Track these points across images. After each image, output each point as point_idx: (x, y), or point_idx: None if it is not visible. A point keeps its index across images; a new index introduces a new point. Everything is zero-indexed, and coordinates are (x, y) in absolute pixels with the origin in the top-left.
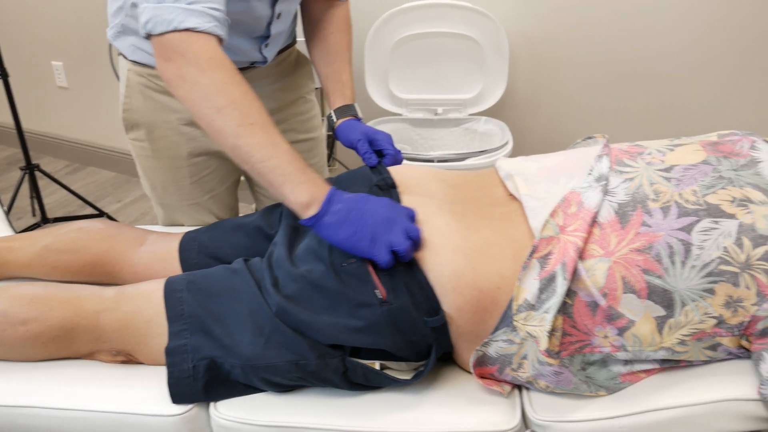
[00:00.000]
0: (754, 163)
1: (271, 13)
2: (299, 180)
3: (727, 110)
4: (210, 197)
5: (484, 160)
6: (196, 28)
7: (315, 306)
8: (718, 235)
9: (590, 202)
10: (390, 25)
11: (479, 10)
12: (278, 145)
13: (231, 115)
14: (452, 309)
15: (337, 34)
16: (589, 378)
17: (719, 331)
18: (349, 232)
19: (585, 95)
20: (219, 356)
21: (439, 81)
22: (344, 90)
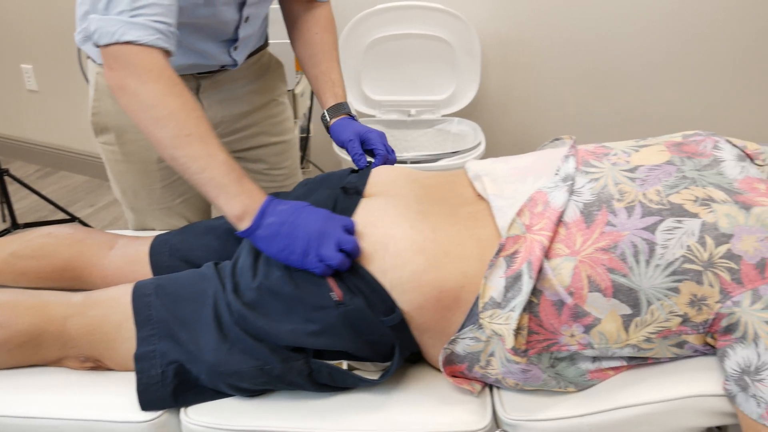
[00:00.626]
0: (716, 162)
1: (239, 17)
2: (233, 192)
3: (693, 111)
4: (182, 201)
5: (457, 161)
6: (137, 41)
7: (273, 312)
8: (682, 234)
9: (556, 202)
10: (362, 27)
11: (451, 11)
12: (214, 157)
13: (168, 126)
14: (412, 307)
15: (322, 34)
16: (558, 374)
17: (685, 329)
18: (281, 246)
19: (556, 96)
20: (186, 362)
21: (412, 82)
22: (335, 89)
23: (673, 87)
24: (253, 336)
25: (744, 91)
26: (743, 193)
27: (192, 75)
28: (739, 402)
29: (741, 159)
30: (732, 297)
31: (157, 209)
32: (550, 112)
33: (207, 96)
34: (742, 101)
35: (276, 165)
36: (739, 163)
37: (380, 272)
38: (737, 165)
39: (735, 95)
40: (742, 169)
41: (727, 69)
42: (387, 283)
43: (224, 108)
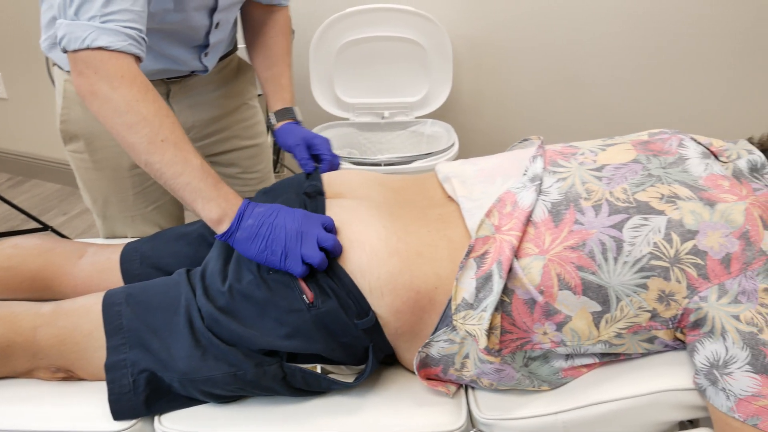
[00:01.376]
0: (682, 160)
1: (209, 22)
2: (210, 196)
3: (663, 110)
4: (154, 208)
5: (430, 163)
6: (108, 47)
7: (245, 316)
8: (648, 231)
9: (524, 202)
10: (334, 30)
11: (422, 14)
12: (189, 162)
13: (141, 132)
14: (389, 311)
15: (277, 38)
16: (531, 373)
17: (654, 324)
18: (261, 247)
19: (527, 96)
20: (158, 370)
21: (384, 85)
22: (283, 93)
23: (643, 87)
24: (225, 341)
25: (713, 90)
26: (708, 190)
27: (162, 80)
28: (709, 395)
29: (705, 156)
30: (699, 292)
31: (129, 217)
32: (522, 112)
33: (177, 101)
34: (712, 100)
35: (249, 169)
36: (703, 161)
37: (358, 273)
38: (702, 162)
39: (705, 94)
40: (707, 167)
41: (697, 68)
42: (365, 286)
43: (195, 113)
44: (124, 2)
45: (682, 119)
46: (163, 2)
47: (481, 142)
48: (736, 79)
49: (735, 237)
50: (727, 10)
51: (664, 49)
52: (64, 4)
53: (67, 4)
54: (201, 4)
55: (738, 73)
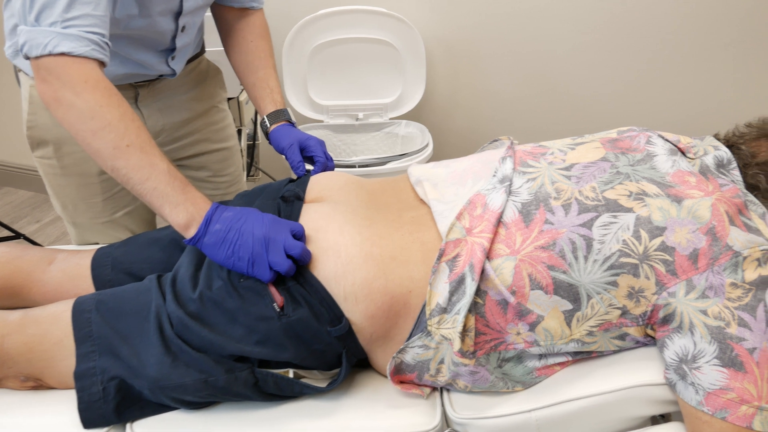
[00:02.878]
0: (650, 157)
1: (175, 26)
2: (177, 201)
3: (635, 109)
4: (125, 213)
5: (405, 164)
6: (71, 53)
7: (215, 322)
8: (617, 228)
9: (494, 204)
10: (306, 32)
11: (394, 15)
12: (155, 166)
13: (107, 138)
14: (364, 317)
15: (257, 41)
16: (505, 375)
17: (624, 321)
18: (228, 253)
19: (501, 96)
20: (127, 377)
21: (358, 86)
22: (274, 95)
23: (616, 86)
24: (195, 347)
25: (687, 88)
26: (675, 187)
27: (130, 84)
28: (679, 390)
29: (672, 153)
30: (667, 288)
31: (100, 223)
32: (496, 112)
33: (146, 105)
34: (686, 97)
35: (219, 172)
36: (670, 157)
37: (332, 279)
38: (669, 159)
39: (679, 92)
40: (674, 163)
41: (671, 67)
42: (340, 293)
43: (164, 116)
44: (85, 7)
45: (656, 117)
46: (127, 8)
47: (456, 143)
48: (709, 78)
49: (702, 233)
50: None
51: (637, 49)
52: (25, 10)
53: (27, 10)
54: (166, 9)
55: (712, 71)
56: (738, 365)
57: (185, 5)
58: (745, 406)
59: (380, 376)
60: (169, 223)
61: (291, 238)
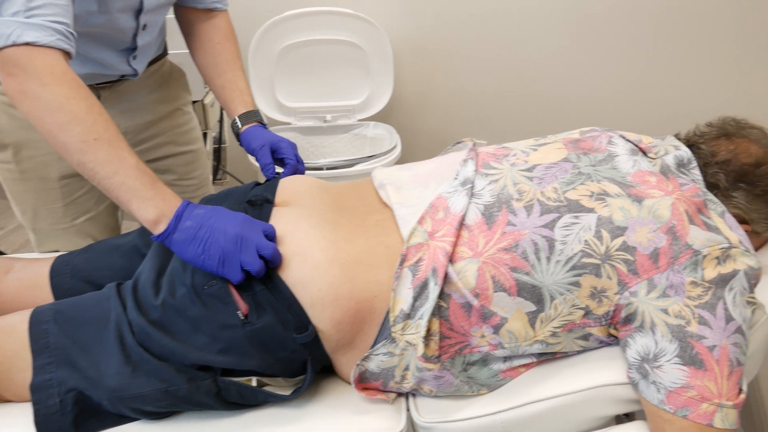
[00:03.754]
0: (611, 157)
1: (136, 24)
2: (146, 196)
3: (605, 109)
4: (87, 219)
5: (373, 165)
6: (35, 42)
7: (177, 330)
8: (579, 229)
9: (456, 207)
10: (273, 34)
11: (361, 16)
12: (124, 161)
13: (74, 131)
14: (330, 323)
15: (224, 43)
16: (470, 378)
17: (588, 321)
18: (198, 251)
19: (469, 96)
20: (85, 388)
21: (326, 88)
22: (244, 96)
23: (585, 86)
24: (157, 356)
25: (654, 87)
26: (636, 186)
27: (91, 86)
28: (641, 389)
29: (634, 153)
30: (629, 288)
31: (60, 229)
32: (465, 112)
33: (108, 107)
34: (656, 98)
35: (185, 175)
36: (631, 157)
37: (299, 285)
38: (630, 159)
39: (649, 92)
40: (635, 163)
41: (639, 67)
42: (306, 299)
43: (127, 118)
44: None
45: (627, 117)
46: (86, 4)
47: (425, 144)
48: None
49: (662, 232)
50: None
51: (609, 49)
52: None
53: None
54: (126, 6)
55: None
56: (698, 363)
57: (145, 3)
58: (705, 404)
59: (345, 382)
60: (133, 230)
61: (264, 238)
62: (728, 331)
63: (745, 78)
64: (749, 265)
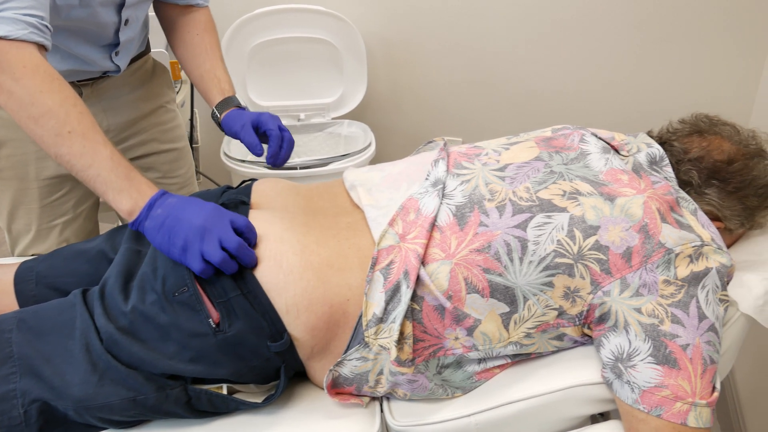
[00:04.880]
0: (583, 155)
1: (118, 19)
2: (121, 187)
3: (578, 102)
4: (64, 222)
5: (348, 164)
6: (7, 36)
7: (147, 338)
8: (552, 229)
9: (427, 208)
10: (244, 32)
11: (333, 13)
12: (98, 153)
13: (48, 125)
14: (305, 329)
15: (203, 35)
16: (445, 381)
17: (561, 321)
18: (164, 238)
19: (443, 93)
20: (50, 399)
21: (299, 86)
22: (221, 84)
23: (559, 83)
24: (125, 364)
25: (628, 83)
26: (608, 185)
27: (72, 83)
28: (615, 389)
29: (605, 151)
30: (602, 287)
31: (36, 231)
32: (440, 109)
33: (90, 104)
34: (627, 92)
35: (169, 173)
36: (603, 156)
37: (274, 291)
38: (602, 157)
39: (622, 86)
40: (607, 161)
41: (612, 61)
42: (282, 305)
43: (110, 116)
44: None
45: (599, 113)
46: None
47: (399, 141)
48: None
49: (635, 231)
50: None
51: (579, 43)
52: None
53: None
54: (107, 0)
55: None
56: (672, 362)
57: None
58: (679, 403)
59: (319, 387)
60: (99, 235)
61: (230, 232)
62: (701, 329)
63: (719, 74)
64: (721, 263)
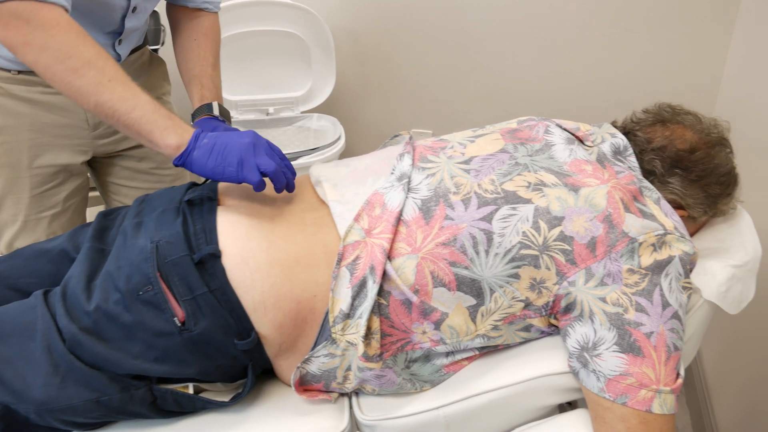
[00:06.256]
0: (548, 146)
1: (127, 4)
2: (166, 125)
3: (547, 92)
4: (52, 214)
5: (318, 158)
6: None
7: (111, 337)
8: (517, 220)
9: (393, 203)
10: None
11: (300, 6)
12: (140, 97)
13: (88, 75)
14: (273, 327)
15: (200, 39)
16: (413, 375)
17: (528, 313)
18: (217, 160)
19: (413, 85)
20: (11, 402)
21: (267, 80)
22: (203, 91)
23: (527, 74)
24: (89, 364)
25: (593, 71)
26: (572, 175)
27: None
28: (581, 378)
29: (570, 142)
30: (568, 278)
31: (22, 221)
32: (409, 101)
33: None
34: (591, 81)
35: (163, 164)
36: (568, 146)
37: (242, 288)
38: (566, 148)
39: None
40: (571, 152)
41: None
42: (249, 303)
43: None
44: None
45: (569, 104)
46: None
47: (369, 134)
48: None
49: (599, 221)
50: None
51: (549, 33)
52: None
53: None
54: None
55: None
56: (636, 350)
57: None
58: (644, 390)
59: (286, 384)
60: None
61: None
62: (665, 317)
63: (684, 64)
64: (684, 251)
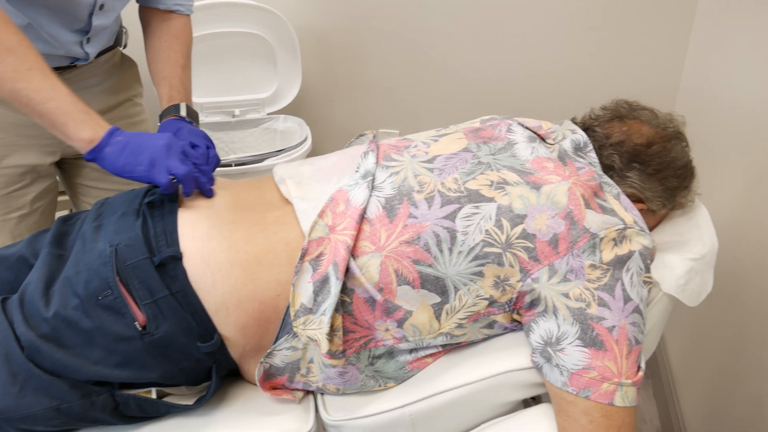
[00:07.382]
0: (510, 145)
1: (93, 1)
2: (81, 118)
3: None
4: (19, 216)
5: (284, 159)
6: None
7: (71, 344)
8: (480, 219)
9: (357, 200)
10: None
11: (264, 7)
12: (58, 88)
13: (7, 61)
14: (236, 328)
15: (171, 41)
16: (377, 372)
17: (492, 310)
18: (128, 158)
19: (379, 85)
20: None
21: (233, 82)
22: (171, 92)
23: (495, 72)
24: (48, 371)
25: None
26: (534, 173)
27: None
28: (545, 372)
29: (532, 140)
30: (531, 274)
31: None
32: (376, 102)
33: None
34: (556, 79)
35: None
36: (529, 144)
37: (203, 290)
38: (528, 146)
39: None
40: (533, 150)
41: (539, 48)
42: (211, 305)
43: None
44: None
45: (531, 100)
46: None
47: (336, 135)
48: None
49: (560, 217)
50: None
51: (514, 32)
52: None
53: None
54: None
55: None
56: (598, 344)
57: None
58: (606, 384)
59: (251, 385)
60: (71, 143)
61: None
62: (627, 311)
63: (645, 61)
64: (644, 245)
